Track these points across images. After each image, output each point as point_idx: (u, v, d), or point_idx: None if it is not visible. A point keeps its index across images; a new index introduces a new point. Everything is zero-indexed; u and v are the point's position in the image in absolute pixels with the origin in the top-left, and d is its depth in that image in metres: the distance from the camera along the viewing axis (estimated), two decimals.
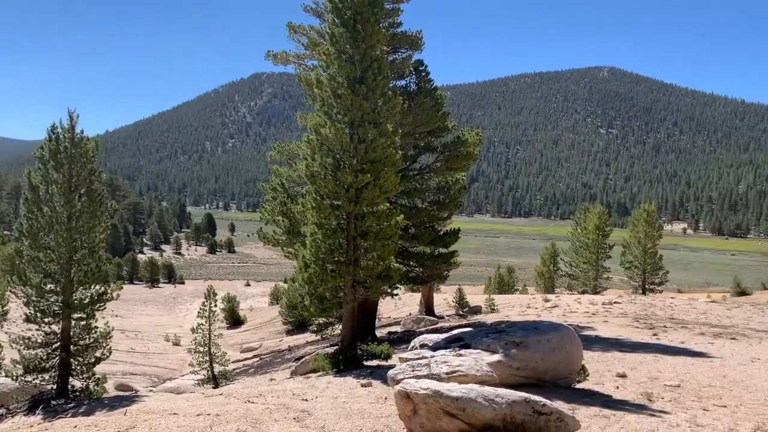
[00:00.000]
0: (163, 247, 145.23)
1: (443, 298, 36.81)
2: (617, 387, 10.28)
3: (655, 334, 18.39)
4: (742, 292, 71.69)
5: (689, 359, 13.79)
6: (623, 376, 11.32)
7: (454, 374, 8.69)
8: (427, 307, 29.97)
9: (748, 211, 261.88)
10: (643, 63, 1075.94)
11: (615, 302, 28.69)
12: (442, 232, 22.98)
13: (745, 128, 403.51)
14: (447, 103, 22.69)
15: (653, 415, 8.17)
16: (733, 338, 18.00)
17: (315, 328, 29.48)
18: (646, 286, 44.72)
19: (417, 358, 9.78)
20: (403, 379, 8.15)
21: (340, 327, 19.18)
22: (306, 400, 10.15)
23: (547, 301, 31.51)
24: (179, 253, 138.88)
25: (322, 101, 14.80)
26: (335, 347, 17.62)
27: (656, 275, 44.97)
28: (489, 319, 25.48)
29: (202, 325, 20.67)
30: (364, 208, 14.64)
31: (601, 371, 11.79)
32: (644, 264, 44.37)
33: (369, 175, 14.36)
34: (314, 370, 14.79)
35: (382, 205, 14.93)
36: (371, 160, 14.48)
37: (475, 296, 41.00)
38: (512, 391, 7.03)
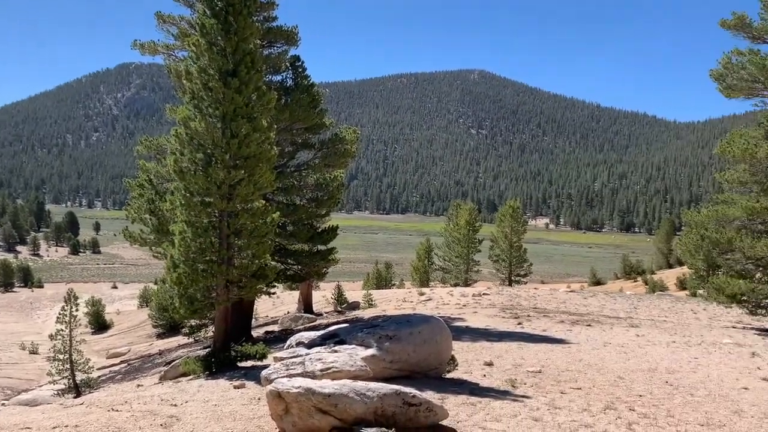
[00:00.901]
0: (19, 248, 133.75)
1: (322, 295, 36.78)
2: (484, 375, 10.78)
3: (520, 323, 19.48)
4: (598, 282, 77.95)
5: (550, 346, 14.75)
6: (490, 364, 11.89)
7: (329, 371, 8.71)
8: (306, 305, 29.84)
9: (602, 207, 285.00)
10: (510, 67, 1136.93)
11: (484, 294, 30.09)
12: (320, 229, 22.95)
13: (600, 130, 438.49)
14: (325, 99, 22.68)
15: (516, 400, 8.66)
16: (589, 325, 19.47)
17: (187, 331, 28.33)
18: (513, 278, 47.33)
19: (292, 357, 9.70)
20: (277, 378, 8.05)
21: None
22: (175, 405, 9.73)
23: (422, 294, 32.41)
24: (37, 255, 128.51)
25: (192, 94, 14.24)
26: (209, 349, 17.06)
27: (521, 268, 47.76)
28: (367, 314, 25.79)
29: (62, 330, 19.23)
30: (238, 205, 14.28)
31: (470, 360, 12.31)
32: (510, 257, 46.93)
33: (243, 171, 14.01)
34: (185, 374, 14.23)
35: (257, 202, 14.63)
36: (245, 155, 14.14)
37: (354, 292, 41.35)
38: (384, 384, 7.16)
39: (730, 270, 21.16)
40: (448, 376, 10.49)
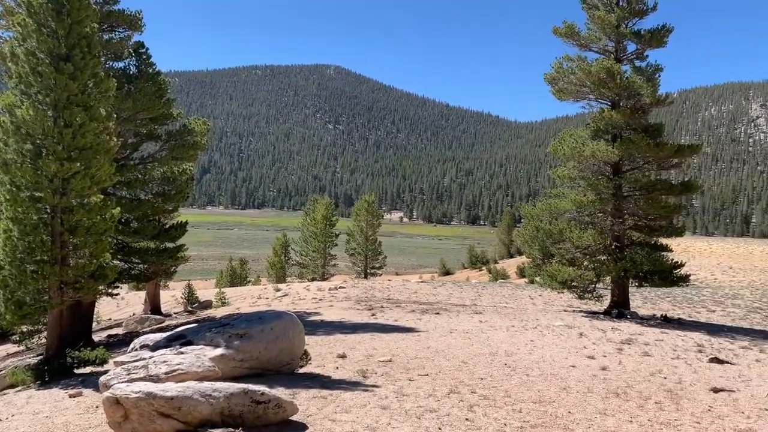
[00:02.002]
0: None
1: (172, 295, 35.17)
2: (337, 368, 10.90)
3: (373, 315, 19.92)
4: (447, 272, 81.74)
5: (401, 335, 15.24)
6: (343, 356, 12.04)
7: (174, 373, 8.35)
8: (153, 306, 28.34)
9: (451, 201, 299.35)
10: (366, 64, 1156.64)
11: (340, 287, 30.41)
12: (168, 226, 21.86)
13: (449, 128, 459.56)
14: (172, 89, 21.64)
15: (366, 390, 8.85)
16: (437, 313, 20.35)
17: (18, 338, 25.76)
18: (368, 270, 48.32)
19: (134, 361, 9.18)
20: (116, 384, 7.57)
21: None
22: None
23: (278, 290, 32.07)
24: None
25: (19, 78, 12.93)
26: (42, 357, 15.64)
27: (376, 260, 48.91)
28: (219, 313, 25.05)
29: None
30: (73, 200, 13.20)
31: (323, 354, 12.38)
32: (366, 250, 47.89)
33: (78, 164, 12.97)
34: (12, 386, 12.94)
35: (94, 197, 13.62)
36: (80, 147, 13.07)
37: (207, 291, 39.97)
38: (231, 383, 7.00)
39: (562, 258, 23.07)
40: (302, 371, 10.48)
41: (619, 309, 22.08)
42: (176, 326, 16.91)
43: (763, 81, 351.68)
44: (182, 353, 9.17)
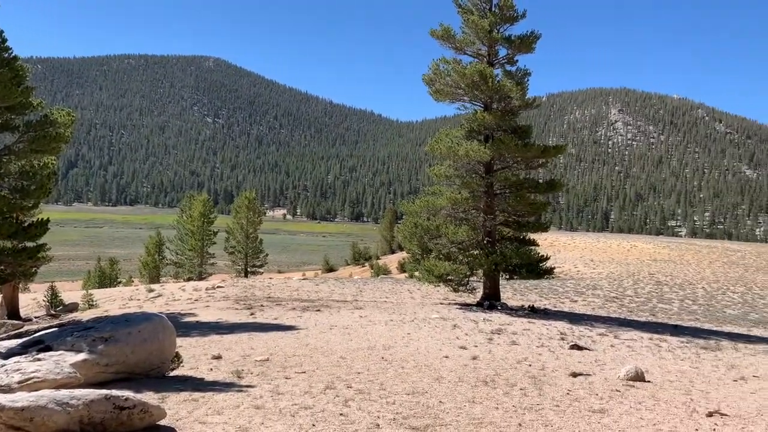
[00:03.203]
0: None
1: (33, 298, 32.58)
2: (211, 369, 10.59)
3: (252, 314, 19.56)
4: (331, 269, 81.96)
5: (280, 333, 15.08)
6: (218, 357, 11.72)
7: (28, 382, 7.73)
8: (11, 310, 26.06)
9: (335, 198, 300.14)
10: (247, 57, 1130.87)
11: (218, 287, 29.58)
12: (27, 224, 20.23)
13: (333, 125, 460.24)
14: (32, 76, 20.02)
15: (240, 391, 8.68)
16: (318, 310, 20.35)
17: None
18: (249, 269, 47.35)
19: None
20: None
21: None
22: None
23: (151, 291, 30.62)
24: None
25: None
26: None
27: (257, 258, 48.01)
28: (86, 316, 23.53)
29: None
30: None
31: (197, 356, 11.99)
32: (247, 248, 46.88)
33: None
34: None
35: None
36: None
37: (73, 293, 37.44)
38: (91, 390, 6.60)
39: (439, 253, 23.84)
40: (173, 373, 10.09)
41: (491, 301, 23.19)
42: (36, 331, 15.67)
43: (620, 87, 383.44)
44: (39, 360, 8.52)
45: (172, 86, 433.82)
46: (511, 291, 32.04)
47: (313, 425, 7.10)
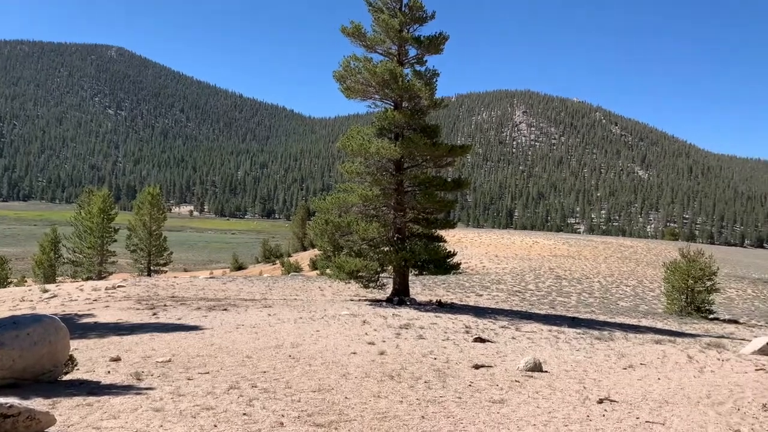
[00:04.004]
0: None
1: None
2: (109, 372, 10.12)
3: (155, 314, 18.86)
4: (240, 267, 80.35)
5: (183, 333, 14.62)
6: (117, 359, 11.22)
7: None
8: None
9: (245, 194, 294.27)
10: (152, 48, 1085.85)
11: (119, 286, 28.29)
12: None
13: (243, 120, 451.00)
14: None
15: (139, 394, 8.35)
16: (225, 309, 19.89)
17: None
18: (152, 267, 45.59)
19: None
20: None
21: None
22: None
23: (45, 291, 28.81)
24: None
25: None
26: None
27: (161, 256, 46.30)
28: None
29: None
30: None
31: (94, 358, 11.42)
32: (150, 246, 45.11)
33: None
34: None
35: None
36: None
37: None
38: None
39: (350, 250, 23.93)
40: (67, 378, 9.55)
41: (400, 296, 23.53)
42: None
43: (525, 90, 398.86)
44: None
45: (71, 75, 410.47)
46: (421, 286, 32.64)
47: (215, 426, 6.95)
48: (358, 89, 23.96)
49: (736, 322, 27.77)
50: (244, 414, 7.44)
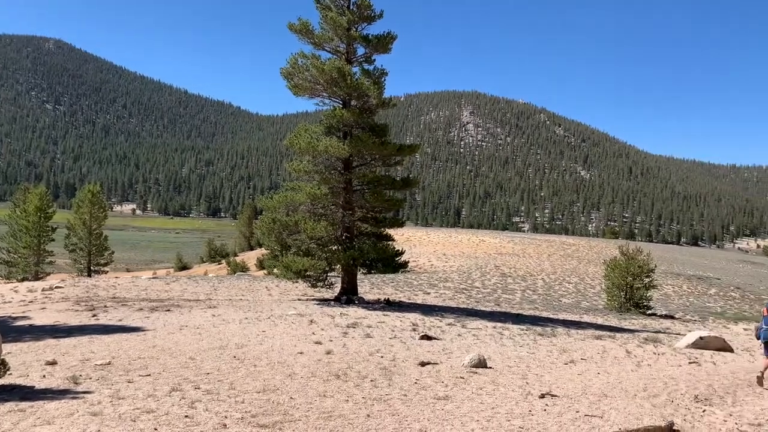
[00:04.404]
0: None
1: None
2: (44, 376, 9.75)
3: (95, 315, 18.27)
4: (184, 267, 78.71)
5: (125, 335, 14.21)
6: (53, 363, 10.81)
7: None
8: None
9: (190, 192, 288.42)
10: (92, 41, 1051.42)
11: (57, 287, 27.29)
12: None
13: (188, 116, 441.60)
14: None
15: (76, 398, 8.07)
16: (168, 310, 19.43)
17: None
18: (93, 267, 44.16)
19: None
20: None
21: None
22: None
23: None
24: None
25: None
26: None
27: (102, 256, 44.90)
28: None
29: None
30: None
31: (29, 362, 10.98)
32: (90, 245, 43.67)
33: None
34: None
35: None
36: None
37: None
38: None
39: (298, 249, 23.74)
40: None
41: (349, 295, 23.51)
42: None
43: (472, 91, 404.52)
44: None
45: (5, 68, 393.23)
46: (369, 285, 32.69)
47: (155, 429, 6.78)
48: (306, 87, 23.79)
49: (672, 317, 28.90)
50: (186, 416, 7.29)
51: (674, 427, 7.94)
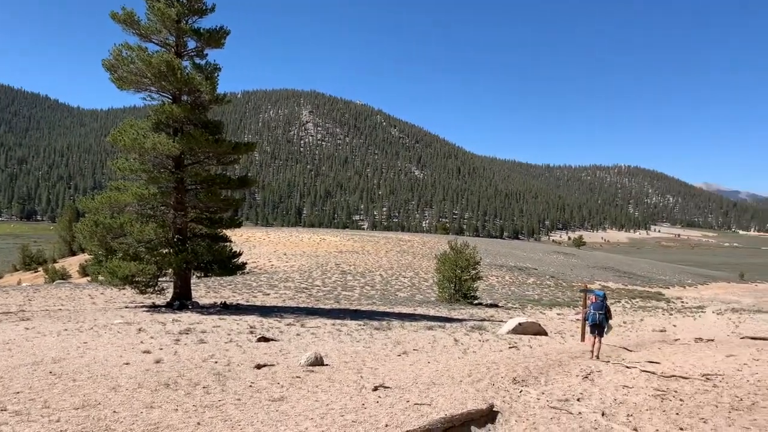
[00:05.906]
0: None
1: None
2: None
3: None
4: None
5: None
6: None
7: None
8: None
9: (1, 193, 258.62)
10: None
11: None
12: None
13: None
14: None
15: None
16: None
17: None
18: None
19: None
20: None
21: None
22: None
23: None
24: None
25: None
26: None
27: None
28: None
29: None
30: None
31: None
32: None
33: None
34: None
35: None
36: None
37: None
38: None
39: (125, 253, 22.23)
40: None
41: (182, 300, 22.52)
42: None
43: (311, 90, 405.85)
44: None
45: None
46: (205, 289, 31.55)
47: None
48: (131, 80, 22.37)
49: (496, 306, 31.21)
50: None
51: (494, 409, 8.58)
